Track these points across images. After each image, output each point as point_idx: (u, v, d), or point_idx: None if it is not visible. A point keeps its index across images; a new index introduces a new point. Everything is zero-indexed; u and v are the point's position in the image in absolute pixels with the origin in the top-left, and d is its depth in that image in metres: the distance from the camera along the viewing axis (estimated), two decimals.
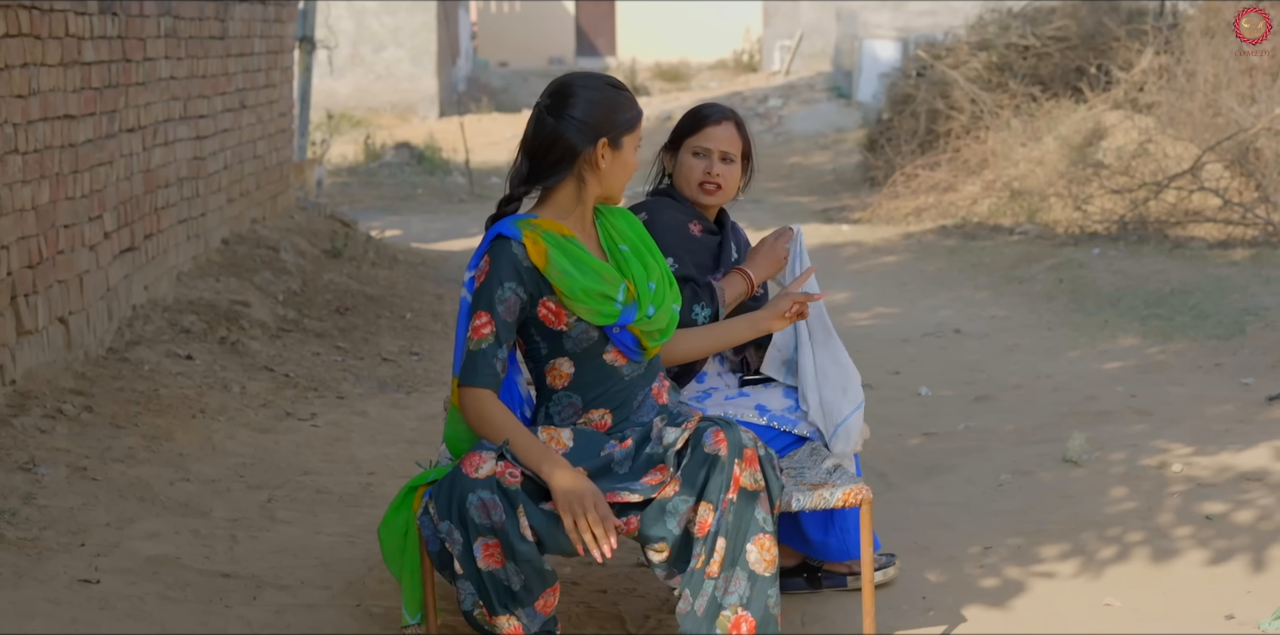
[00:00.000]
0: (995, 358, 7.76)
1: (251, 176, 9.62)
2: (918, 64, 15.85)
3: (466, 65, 31.43)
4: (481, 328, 3.51)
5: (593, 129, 3.54)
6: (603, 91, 3.58)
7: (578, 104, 3.54)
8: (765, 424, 4.08)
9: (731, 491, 3.41)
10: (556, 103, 3.55)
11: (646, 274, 3.68)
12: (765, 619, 3.42)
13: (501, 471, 3.39)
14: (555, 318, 3.57)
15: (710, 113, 4.26)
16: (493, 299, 3.51)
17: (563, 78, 3.63)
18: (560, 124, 3.53)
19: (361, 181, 17.19)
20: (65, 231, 6.05)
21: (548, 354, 3.61)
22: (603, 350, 3.61)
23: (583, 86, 3.57)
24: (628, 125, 3.59)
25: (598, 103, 3.55)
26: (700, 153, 4.21)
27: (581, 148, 3.54)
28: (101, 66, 6.53)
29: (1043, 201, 12.18)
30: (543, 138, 3.56)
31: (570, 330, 3.57)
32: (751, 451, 3.44)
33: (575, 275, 3.54)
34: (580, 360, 3.61)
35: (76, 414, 5.54)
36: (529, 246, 3.53)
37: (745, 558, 3.42)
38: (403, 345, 7.97)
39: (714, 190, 4.21)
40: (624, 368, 3.63)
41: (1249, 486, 5.10)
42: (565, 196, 3.62)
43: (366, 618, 4.04)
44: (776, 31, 30.37)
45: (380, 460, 5.76)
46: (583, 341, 3.59)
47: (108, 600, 3.95)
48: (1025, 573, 4.44)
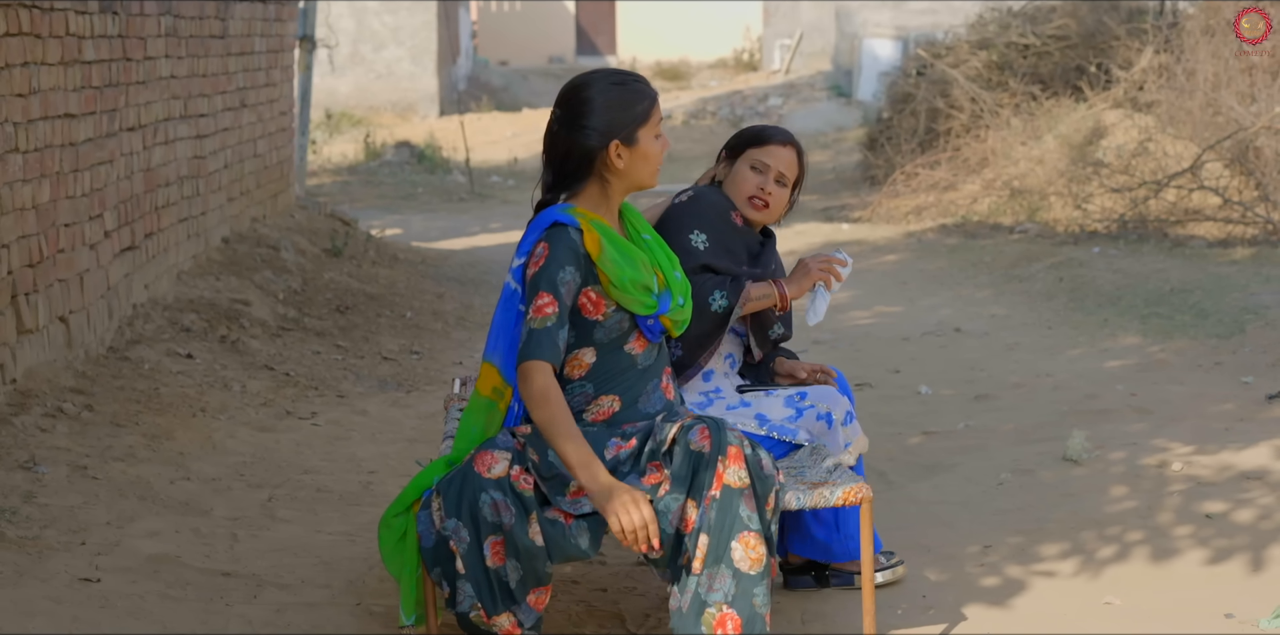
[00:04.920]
0: (995, 356, 7.76)
1: (252, 175, 9.62)
2: (918, 63, 15.84)
3: (467, 64, 31.42)
4: (545, 307, 3.53)
5: (603, 134, 3.58)
6: (608, 93, 3.60)
7: (586, 112, 3.59)
8: (765, 434, 4.08)
9: (715, 488, 3.41)
10: (566, 113, 3.62)
11: (671, 263, 3.75)
12: (751, 617, 3.40)
13: (517, 475, 3.40)
14: (594, 307, 3.60)
15: (776, 133, 4.33)
16: (555, 280, 3.53)
17: (571, 82, 3.67)
18: (572, 134, 3.60)
19: (362, 180, 17.19)
20: (66, 230, 6.05)
21: (574, 344, 3.62)
22: (627, 340, 3.64)
23: (590, 91, 3.61)
24: (639, 119, 3.62)
25: (605, 106, 3.59)
26: (758, 167, 4.26)
27: (595, 154, 3.60)
28: (102, 65, 6.53)
29: (1043, 200, 12.18)
30: (558, 149, 3.64)
31: (606, 320, 3.61)
32: (736, 449, 3.44)
33: (624, 265, 3.59)
34: (605, 350, 3.63)
35: (77, 413, 5.54)
36: (585, 233, 3.58)
37: (730, 555, 3.40)
38: (403, 344, 7.97)
39: (761, 207, 4.26)
40: (640, 356, 3.66)
41: (1249, 485, 5.10)
42: (592, 194, 3.67)
43: (367, 616, 4.04)
44: (777, 30, 30.37)
45: (380, 459, 5.77)
46: (613, 331, 3.62)
47: (108, 599, 3.95)
48: (1025, 571, 4.44)
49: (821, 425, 4.13)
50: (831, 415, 4.15)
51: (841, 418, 4.19)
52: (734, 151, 4.33)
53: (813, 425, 4.13)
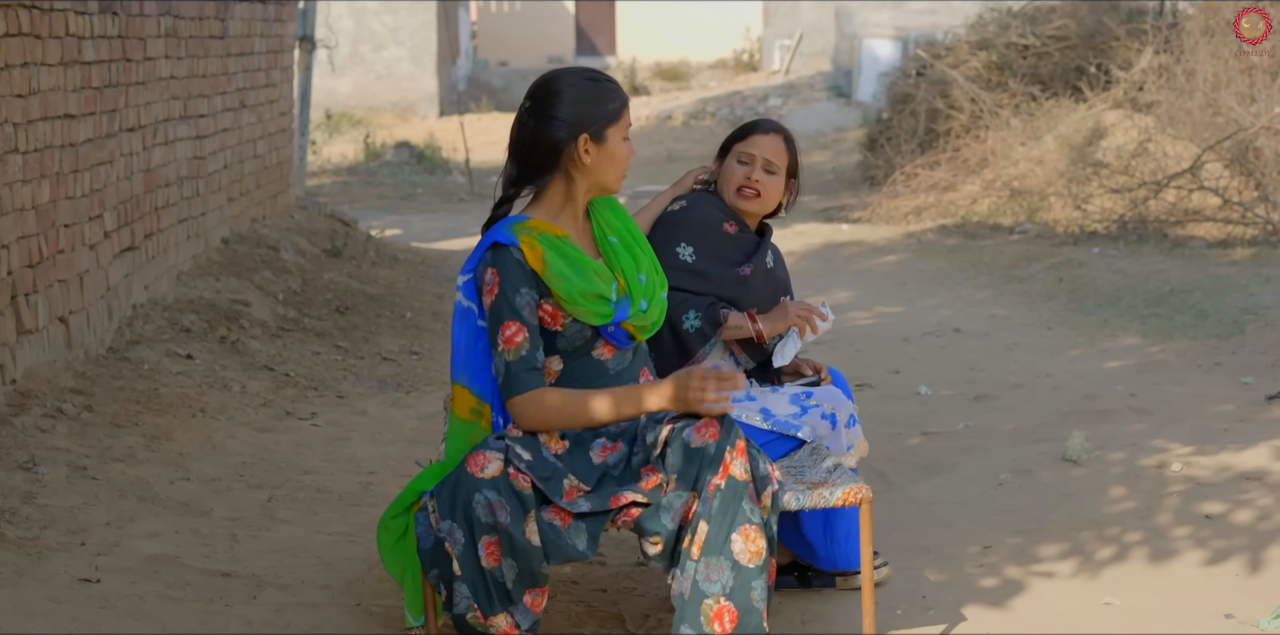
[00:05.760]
0: (995, 357, 7.76)
1: (251, 176, 9.62)
2: (917, 63, 15.85)
3: (466, 64, 31.43)
4: (514, 337, 3.52)
5: (572, 126, 3.56)
6: (580, 87, 3.59)
7: (556, 103, 3.56)
8: (768, 428, 4.09)
9: (720, 477, 3.40)
10: (536, 104, 3.59)
11: (636, 266, 3.70)
12: (747, 611, 3.38)
13: (515, 474, 3.41)
14: (552, 319, 3.58)
15: (761, 123, 4.38)
16: (515, 306, 3.53)
17: (542, 76, 3.66)
18: (540, 125, 3.57)
19: (361, 181, 17.19)
20: (65, 231, 6.05)
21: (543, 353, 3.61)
22: (593, 347, 3.63)
23: (561, 83, 3.59)
24: (610, 117, 3.60)
25: (576, 99, 3.56)
26: (744, 159, 4.30)
27: (563, 146, 3.57)
28: (102, 66, 6.53)
29: (1042, 201, 12.18)
30: (525, 140, 3.60)
31: (565, 330, 3.59)
32: (743, 442, 3.44)
33: (572, 278, 3.55)
34: (570, 358, 3.62)
35: (77, 413, 5.55)
36: (526, 252, 3.55)
37: (730, 547, 3.39)
38: (403, 344, 7.97)
39: (751, 196, 4.28)
40: (610, 362, 3.65)
41: (1248, 486, 5.10)
42: (555, 194, 3.64)
43: (366, 617, 4.04)
44: (776, 31, 30.37)
45: (380, 459, 5.77)
46: (575, 340, 3.61)
47: (108, 599, 3.95)
48: (1025, 572, 4.44)
49: (826, 425, 4.14)
50: (836, 416, 4.16)
51: (845, 419, 4.20)
52: (723, 150, 4.38)
53: (817, 424, 4.13)
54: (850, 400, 4.32)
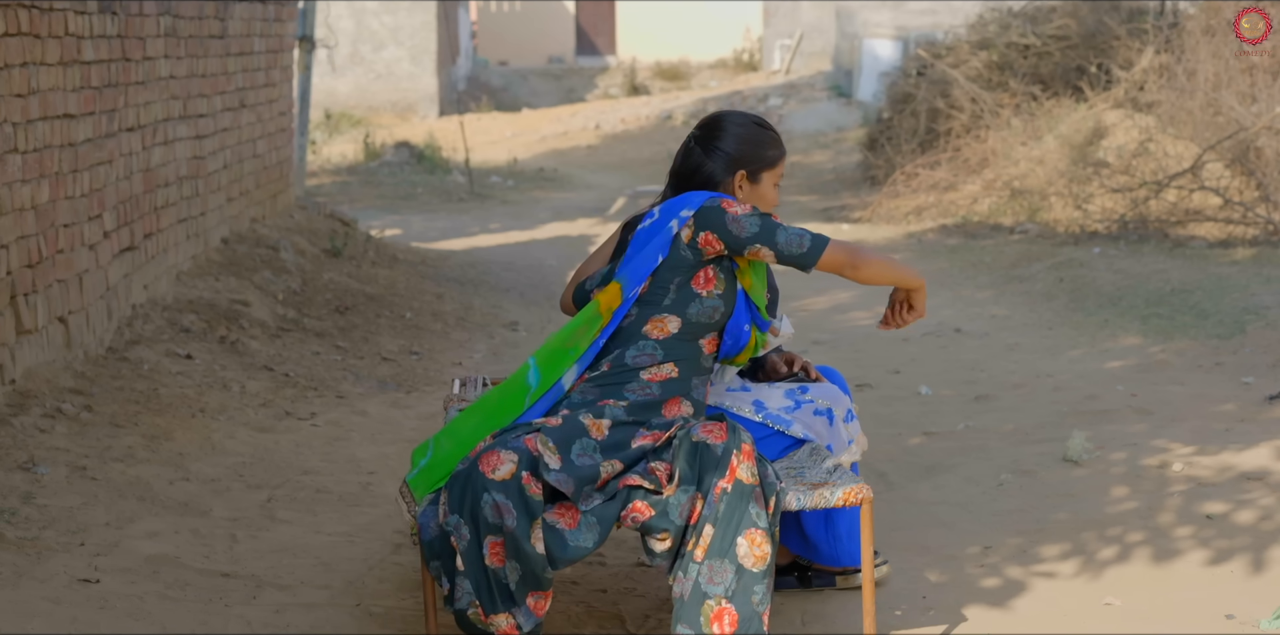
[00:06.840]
0: (996, 357, 7.76)
1: (251, 176, 9.62)
2: (918, 63, 15.84)
3: (466, 64, 31.43)
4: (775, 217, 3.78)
5: (734, 161, 3.82)
6: (748, 128, 3.86)
7: (724, 137, 3.83)
8: (760, 421, 4.08)
9: (726, 480, 3.45)
10: (705, 135, 3.86)
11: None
12: (749, 615, 3.42)
13: (528, 479, 3.41)
14: (706, 281, 3.72)
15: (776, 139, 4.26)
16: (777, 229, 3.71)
17: (715, 113, 3.95)
18: (706, 154, 3.83)
19: (361, 181, 17.18)
20: (65, 231, 6.05)
21: (669, 307, 3.70)
22: (704, 334, 3.75)
23: (732, 122, 3.86)
24: (768, 162, 3.87)
25: (743, 138, 3.84)
26: (778, 184, 4.31)
27: (720, 177, 3.82)
28: (101, 66, 6.52)
29: (1043, 200, 12.17)
30: (689, 164, 3.85)
31: (707, 298, 3.71)
32: (750, 446, 3.50)
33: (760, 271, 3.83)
34: (684, 330, 3.71)
35: (76, 413, 5.54)
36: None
37: (735, 551, 3.43)
38: (402, 344, 7.97)
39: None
40: (705, 357, 3.77)
41: (1250, 486, 5.10)
42: None
43: (366, 617, 4.04)
44: (777, 31, 30.36)
45: (380, 459, 5.76)
46: (702, 315, 3.72)
47: (107, 600, 3.95)
48: (1025, 572, 4.44)
49: (822, 421, 4.13)
50: (832, 411, 4.15)
51: (842, 415, 4.19)
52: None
53: (812, 421, 4.12)
54: (848, 396, 4.31)
